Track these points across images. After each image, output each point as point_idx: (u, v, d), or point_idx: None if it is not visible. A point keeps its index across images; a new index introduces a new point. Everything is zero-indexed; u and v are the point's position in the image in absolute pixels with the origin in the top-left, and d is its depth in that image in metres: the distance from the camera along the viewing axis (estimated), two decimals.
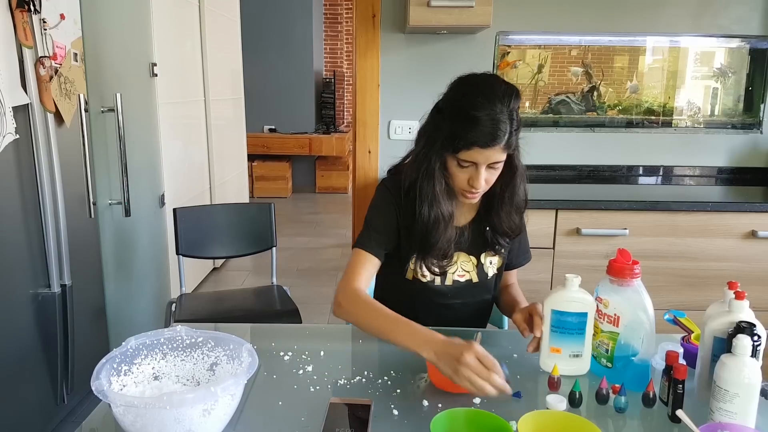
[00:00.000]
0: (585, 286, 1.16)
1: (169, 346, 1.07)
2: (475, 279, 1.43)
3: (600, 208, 2.33)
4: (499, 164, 1.26)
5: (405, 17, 2.48)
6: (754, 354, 0.96)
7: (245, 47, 4.73)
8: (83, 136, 2.02)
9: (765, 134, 2.81)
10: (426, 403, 1.05)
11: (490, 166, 1.25)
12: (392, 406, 1.03)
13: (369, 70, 2.68)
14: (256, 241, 2.59)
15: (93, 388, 0.88)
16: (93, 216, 2.11)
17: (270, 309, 2.42)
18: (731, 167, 2.82)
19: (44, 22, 1.82)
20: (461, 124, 1.21)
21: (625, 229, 2.34)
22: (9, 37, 1.69)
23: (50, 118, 1.86)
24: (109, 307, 2.39)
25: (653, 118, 2.87)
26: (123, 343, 1.02)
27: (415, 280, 1.41)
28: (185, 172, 3.48)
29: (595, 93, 2.87)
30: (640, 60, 2.85)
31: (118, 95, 2.19)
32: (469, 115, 1.20)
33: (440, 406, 1.03)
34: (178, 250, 2.45)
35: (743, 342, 0.92)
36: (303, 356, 1.23)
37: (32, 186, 1.85)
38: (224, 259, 4.23)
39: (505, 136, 1.20)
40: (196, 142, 3.71)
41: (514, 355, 1.24)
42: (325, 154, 6.76)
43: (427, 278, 1.40)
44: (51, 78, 1.86)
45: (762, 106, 2.80)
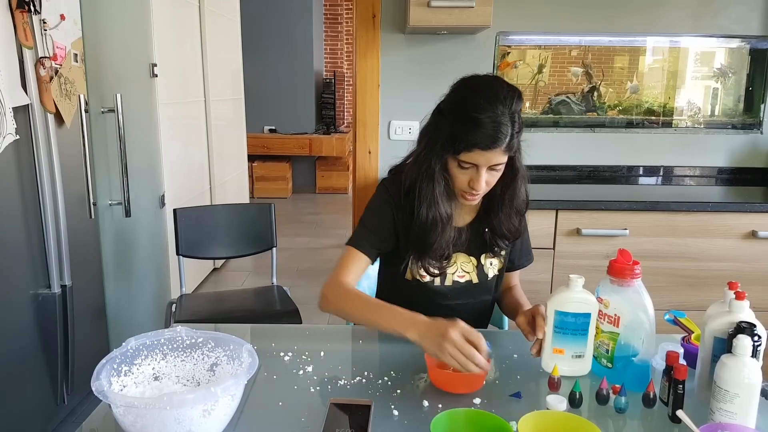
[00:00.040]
0: (585, 287, 1.16)
1: (170, 347, 1.07)
2: (475, 280, 1.43)
3: (600, 209, 2.33)
4: (500, 166, 1.26)
5: (405, 17, 2.48)
6: (755, 354, 0.96)
7: (245, 47, 4.74)
8: (83, 137, 2.02)
9: (765, 134, 2.81)
10: (426, 403, 1.05)
11: (491, 168, 1.25)
12: (392, 407, 1.03)
13: (369, 71, 2.68)
14: (256, 241, 2.59)
15: (93, 389, 0.88)
16: (93, 216, 2.11)
17: (270, 309, 2.42)
18: (731, 167, 2.82)
19: (44, 23, 1.82)
20: (462, 125, 1.21)
21: (626, 229, 2.34)
22: (9, 37, 1.69)
23: (50, 118, 1.86)
24: (109, 308, 2.39)
25: (653, 118, 2.87)
26: (123, 344, 1.02)
27: (415, 281, 1.41)
28: (185, 173, 3.48)
29: (595, 93, 2.87)
30: (640, 60, 2.85)
31: (118, 95, 2.19)
32: (471, 117, 1.20)
33: (440, 406, 1.03)
34: (178, 250, 2.46)
35: (743, 342, 0.92)
36: (303, 356, 1.23)
37: (32, 186, 1.85)
38: (224, 260, 4.23)
39: (507, 139, 1.20)
40: (196, 143, 3.71)
41: (515, 356, 1.25)
42: (325, 155, 6.76)
43: (427, 278, 1.40)
44: (51, 78, 1.86)
45: (762, 107, 2.80)
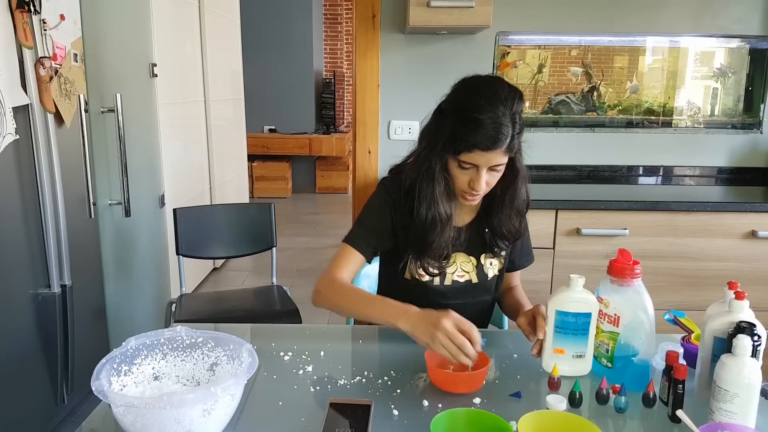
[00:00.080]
0: (585, 286, 1.15)
1: (169, 347, 1.07)
2: (475, 280, 1.43)
3: (600, 208, 2.33)
4: (501, 167, 1.26)
5: (405, 17, 2.48)
6: (754, 354, 0.96)
7: (245, 47, 4.74)
8: (83, 137, 2.02)
9: (765, 134, 2.81)
10: (426, 403, 1.05)
11: (492, 169, 1.25)
12: (392, 407, 1.03)
13: (369, 71, 2.68)
14: (256, 241, 2.59)
15: (93, 389, 0.88)
16: (93, 216, 2.11)
17: (270, 309, 2.43)
18: (731, 167, 2.82)
19: (44, 23, 1.82)
20: (463, 126, 1.21)
21: (625, 229, 2.34)
22: (9, 37, 1.69)
23: (50, 118, 1.87)
24: (109, 307, 2.40)
25: (653, 118, 2.87)
26: (123, 344, 1.02)
27: (414, 280, 1.41)
28: (185, 173, 3.48)
29: (595, 93, 2.87)
30: (640, 60, 2.85)
31: (118, 95, 2.19)
32: (472, 118, 1.20)
33: (440, 406, 1.03)
34: (178, 250, 2.46)
35: (743, 342, 0.92)
36: (303, 356, 1.23)
37: (32, 186, 1.85)
38: (224, 260, 4.23)
39: (507, 140, 1.20)
40: (196, 143, 3.71)
41: (515, 356, 1.25)
42: (325, 155, 6.76)
43: (426, 278, 1.40)
44: (51, 78, 1.86)
45: (762, 106, 2.80)
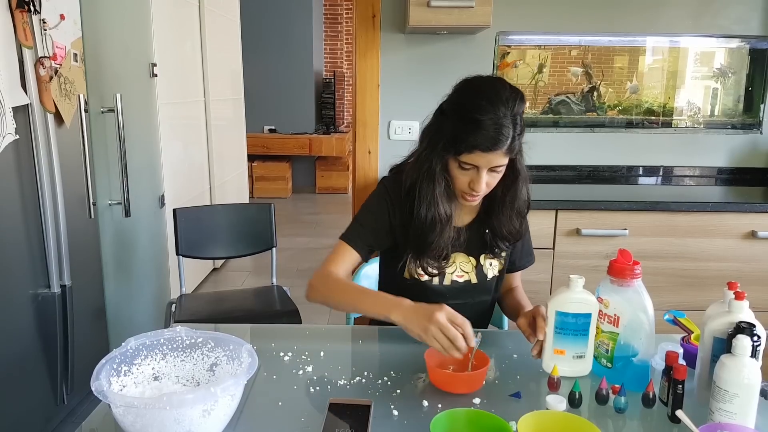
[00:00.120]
0: (585, 287, 1.15)
1: (169, 347, 1.07)
2: (474, 280, 1.43)
3: (600, 209, 2.33)
4: (501, 168, 1.26)
5: (405, 17, 2.48)
6: (754, 354, 0.96)
7: (245, 47, 4.74)
8: (83, 137, 2.02)
9: (765, 134, 2.81)
10: (426, 403, 1.05)
11: (492, 170, 1.25)
12: (392, 407, 1.03)
13: (369, 71, 2.68)
14: (256, 241, 2.59)
15: (93, 389, 0.88)
16: (93, 216, 2.11)
17: (270, 309, 2.42)
18: (731, 167, 2.82)
19: (44, 23, 1.82)
20: (464, 126, 1.21)
21: (625, 229, 2.33)
22: (9, 37, 1.69)
23: (50, 118, 1.86)
24: (109, 308, 2.40)
25: (653, 118, 2.87)
26: (123, 344, 1.02)
27: (413, 279, 1.41)
28: (185, 173, 3.48)
29: (595, 93, 2.87)
30: (640, 60, 2.85)
31: (118, 95, 2.19)
32: (472, 119, 1.20)
33: (440, 406, 1.03)
34: (178, 250, 2.45)
35: (743, 342, 0.92)
36: (303, 357, 1.23)
37: (32, 186, 1.85)
38: (224, 260, 4.23)
39: (508, 141, 1.20)
40: (196, 143, 3.71)
41: (515, 356, 1.25)
42: (325, 155, 6.76)
43: (425, 277, 1.40)
44: (51, 78, 1.86)
45: (762, 107, 2.80)
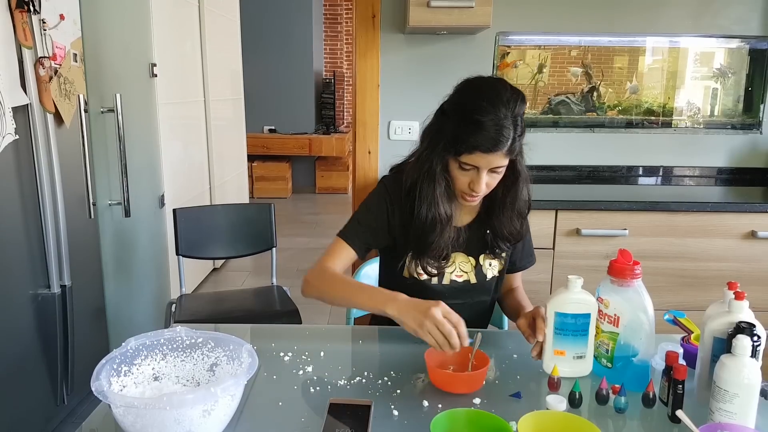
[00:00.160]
0: (584, 287, 1.16)
1: (169, 347, 1.07)
2: (474, 280, 1.43)
3: (600, 209, 2.33)
4: (501, 169, 1.26)
5: (405, 17, 2.48)
6: (754, 354, 0.96)
7: (245, 47, 4.74)
8: (83, 137, 2.02)
9: (765, 134, 2.81)
10: (426, 403, 1.05)
11: (492, 171, 1.25)
12: (392, 407, 1.03)
13: (369, 71, 2.68)
14: (256, 241, 2.59)
15: (93, 389, 0.88)
16: (93, 216, 2.11)
17: (270, 309, 2.42)
18: (731, 167, 2.82)
19: (44, 23, 1.82)
20: (464, 127, 1.21)
21: (625, 229, 2.33)
22: (9, 37, 1.69)
23: (50, 118, 1.86)
24: (109, 308, 2.39)
25: (653, 118, 2.87)
26: (123, 344, 1.02)
27: (412, 279, 1.41)
28: (185, 173, 3.48)
29: (595, 93, 2.87)
30: (640, 60, 2.85)
31: (118, 95, 2.19)
32: (473, 119, 1.20)
33: (440, 406, 1.03)
34: (178, 250, 2.45)
35: (743, 342, 0.92)
36: (303, 357, 1.23)
37: (32, 186, 1.85)
38: (224, 260, 4.23)
39: (508, 142, 1.20)
40: (196, 143, 3.71)
41: (515, 356, 1.24)
42: (325, 155, 6.76)
43: (424, 277, 1.40)
44: (51, 78, 1.86)
45: (762, 107, 2.80)
